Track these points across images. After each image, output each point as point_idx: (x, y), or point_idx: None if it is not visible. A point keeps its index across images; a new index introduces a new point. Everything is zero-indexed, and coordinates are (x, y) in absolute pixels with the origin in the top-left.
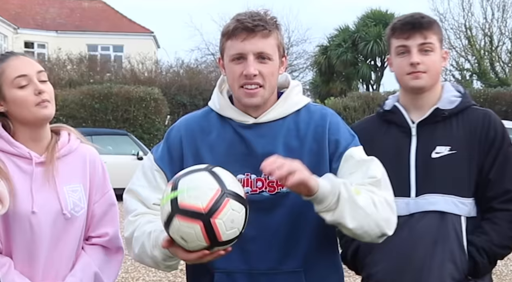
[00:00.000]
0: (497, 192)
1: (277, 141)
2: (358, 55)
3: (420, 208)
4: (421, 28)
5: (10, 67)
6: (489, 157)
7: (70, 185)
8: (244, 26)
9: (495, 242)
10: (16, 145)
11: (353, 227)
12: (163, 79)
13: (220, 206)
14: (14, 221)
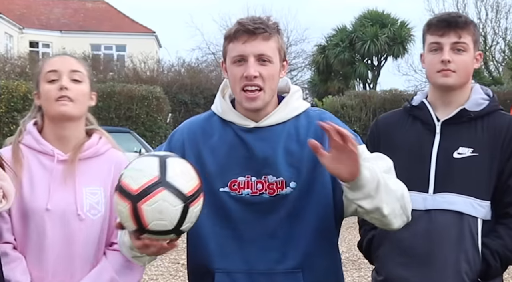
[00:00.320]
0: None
1: (278, 144)
2: (355, 54)
3: (438, 205)
4: (456, 27)
5: (47, 63)
6: (510, 163)
7: (90, 187)
8: (245, 29)
9: (509, 247)
10: (41, 142)
11: (388, 213)
12: (164, 78)
13: (151, 193)
14: (30, 216)
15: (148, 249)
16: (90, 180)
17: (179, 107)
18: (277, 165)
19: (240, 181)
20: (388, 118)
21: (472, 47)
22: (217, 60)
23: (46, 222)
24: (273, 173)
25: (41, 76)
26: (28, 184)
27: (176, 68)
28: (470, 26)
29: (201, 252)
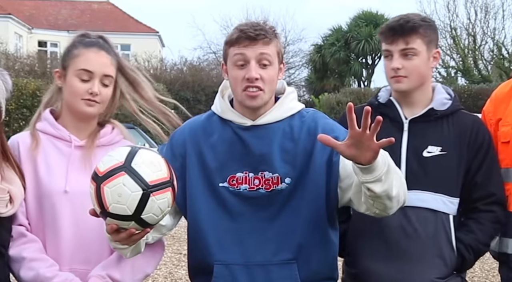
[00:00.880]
0: (482, 194)
1: (273, 142)
2: (350, 53)
3: (411, 202)
4: (403, 34)
5: (85, 56)
6: (476, 161)
7: None
8: (246, 35)
9: (481, 240)
10: (58, 127)
11: (395, 195)
12: (167, 76)
13: (113, 175)
14: (47, 199)
15: (117, 235)
16: None
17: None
18: (273, 162)
19: (238, 177)
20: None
21: (425, 49)
22: (217, 59)
23: (63, 204)
24: (269, 169)
25: (72, 66)
26: (44, 167)
27: (179, 66)
28: (419, 30)
29: (200, 245)
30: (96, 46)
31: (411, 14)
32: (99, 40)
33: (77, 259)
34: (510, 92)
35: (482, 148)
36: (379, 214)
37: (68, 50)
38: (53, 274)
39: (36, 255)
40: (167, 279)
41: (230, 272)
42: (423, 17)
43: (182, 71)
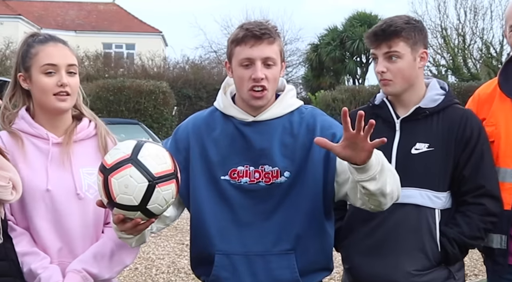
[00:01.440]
0: (470, 187)
1: (273, 137)
2: (346, 52)
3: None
4: (385, 38)
5: (44, 52)
6: (464, 154)
7: (86, 168)
8: (252, 34)
9: (466, 233)
10: (35, 126)
11: (389, 192)
12: (170, 74)
13: (121, 167)
14: (30, 197)
15: (123, 225)
16: (86, 161)
17: (183, 101)
18: (272, 156)
19: (239, 170)
20: (353, 115)
21: (409, 51)
22: (218, 57)
23: (46, 202)
24: (269, 163)
25: (35, 64)
26: (25, 166)
27: (181, 65)
28: (401, 33)
29: (202, 235)
30: (51, 40)
31: (396, 17)
32: (52, 36)
33: (63, 253)
34: (493, 92)
35: (470, 141)
36: (374, 209)
37: (25, 52)
38: (41, 270)
39: (27, 249)
40: (170, 268)
41: (231, 262)
42: (407, 20)
43: (184, 70)
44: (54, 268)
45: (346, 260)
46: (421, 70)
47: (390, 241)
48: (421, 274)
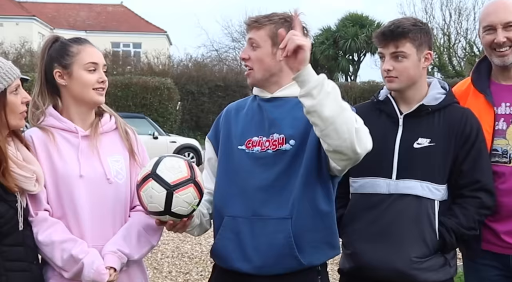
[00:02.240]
0: (467, 181)
1: (286, 110)
2: (338, 51)
3: (399, 190)
4: (393, 38)
5: (86, 51)
6: (463, 150)
7: (113, 156)
8: (246, 25)
9: (463, 224)
10: (64, 121)
11: (327, 116)
12: (174, 72)
13: (144, 182)
14: (65, 185)
15: (170, 227)
16: (112, 150)
17: (187, 96)
18: (281, 125)
19: (253, 140)
20: (359, 110)
21: (414, 51)
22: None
23: (80, 188)
24: (277, 131)
25: (77, 62)
26: (58, 156)
27: (184, 63)
28: (408, 34)
29: (216, 200)
30: (86, 42)
31: (404, 19)
32: (84, 39)
33: (97, 236)
34: (467, 89)
35: (469, 138)
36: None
37: (61, 51)
38: (83, 254)
39: (65, 237)
40: (174, 252)
41: (236, 224)
42: (415, 22)
43: (188, 67)
44: (93, 252)
45: (348, 246)
46: (425, 70)
47: (393, 229)
48: (420, 261)
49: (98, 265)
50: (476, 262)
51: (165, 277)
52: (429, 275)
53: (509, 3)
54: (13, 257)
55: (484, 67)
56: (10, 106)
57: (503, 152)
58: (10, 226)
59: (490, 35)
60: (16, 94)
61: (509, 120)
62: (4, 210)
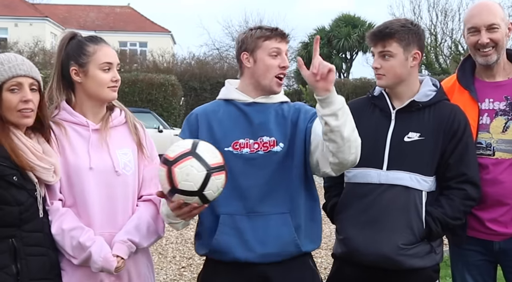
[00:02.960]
0: (454, 173)
1: (270, 115)
2: (332, 50)
3: (389, 180)
4: (380, 39)
5: (102, 51)
6: (450, 145)
7: (121, 149)
8: (278, 33)
9: (448, 214)
10: (76, 115)
11: (347, 136)
12: (178, 69)
13: (182, 159)
14: (76, 176)
15: (180, 210)
16: (120, 144)
17: (190, 92)
18: (270, 128)
19: (240, 142)
20: (354, 105)
21: (401, 51)
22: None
23: (90, 179)
24: (267, 134)
25: (93, 62)
26: (70, 149)
27: (188, 61)
28: (395, 35)
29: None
30: (102, 41)
31: (396, 20)
32: (99, 37)
33: (105, 225)
34: (453, 86)
35: (456, 133)
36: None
37: (77, 49)
38: (90, 242)
39: (74, 225)
40: (178, 239)
41: (233, 220)
42: (404, 23)
43: (191, 65)
44: (100, 240)
45: (341, 232)
46: (414, 68)
47: (382, 217)
48: (407, 248)
49: (106, 253)
50: (462, 248)
51: (169, 261)
52: (415, 261)
53: (492, 6)
54: (32, 243)
55: (468, 65)
56: (5, 104)
57: (487, 145)
58: (29, 213)
59: (474, 36)
60: (14, 92)
61: (493, 115)
62: (24, 198)
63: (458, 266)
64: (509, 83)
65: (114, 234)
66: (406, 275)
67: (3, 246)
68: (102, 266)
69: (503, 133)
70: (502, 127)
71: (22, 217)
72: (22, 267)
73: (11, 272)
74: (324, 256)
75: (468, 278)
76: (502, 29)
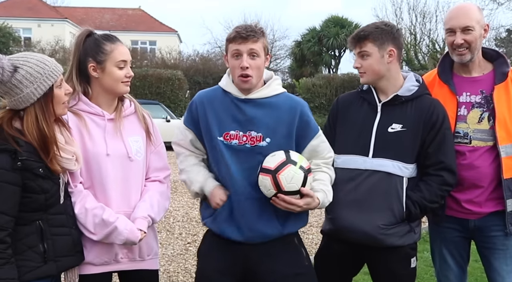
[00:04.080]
0: (432, 161)
1: (261, 111)
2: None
3: (374, 167)
4: (357, 41)
5: (118, 50)
6: (429, 135)
7: (133, 137)
8: (240, 35)
9: (426, 198)
10: (92, 105)
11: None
12: (184, 65)
13: (283, 167)
14: (94, 161)
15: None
16: (132, 131)
17: (194, 86)
18: (258, 124)
19: (231, 133)
20: (345, 98)
21: (376, 50)
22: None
23: (107, 164)
24: (255, 129)
25: (110, 60)
26: (88, 137)
27: (192, 57)
28: (369, 36)
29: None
30: (117, 40)
31: (372, 23)
32: (115, 36)
33: (120, 204)
34: (433, 80)
35: (435, 125)
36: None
37: (95, 47)
38: (114, 218)
39: (95, 204)
40: (184, 217)
41: (229, 201)
42: (378, 25)
43: (195, 61)
44: (123, 216)
45: (330, 211)
46: (392, 64)
47: (366, 199)
48: (387, 228)
49: (132, 226)
50: (441, 226)
51: (176, 238)
52: (394, 240)
53: (468, 10)
54: (57, 224)
55: (448, 62)
56: (56, 99)
57: (464, 134)
58: (54, 199)
59: (451, 37)
60: (60, 87)
61: (469, 107)
62: (50, 186)
63: (436, 242)
64: (484, 79)
65: (129, 212)
66: (387, 251)
67: (31, 228)
68: (127, 238)
69: (479, 124)
70: (478, 118)
71: (47, 202)
72: (48, 246)
73: (38, 250)
74: (315, 233)
75: (445, 252)
76: (477, 31)
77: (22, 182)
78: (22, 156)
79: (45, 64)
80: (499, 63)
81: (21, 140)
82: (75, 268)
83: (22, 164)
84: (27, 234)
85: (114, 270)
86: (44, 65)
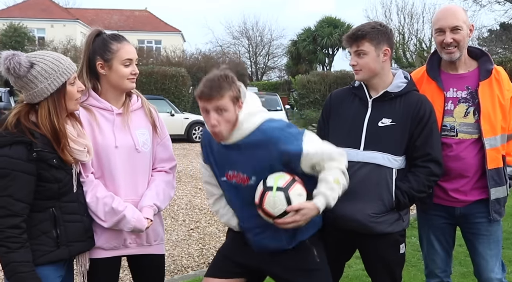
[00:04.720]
0: (420, 154)
1: (241, 152)
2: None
3: (365, 159)
4: (354, 39)
5: (125, 49)
6: (417, 129)
7: (140, 130)
8: (203, 95)
9: (414, 188)
10: (101, 101)
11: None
12: (187, 63)
13: (263, 197)
14: (104, 153)
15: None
16: (139, 125)
17: (197, 82)
18: (242, 166)
19: (230, 173)
20: (337, 94)
21: (373, 49)
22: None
23: (116, 156)
24: (241, 171)
25: (117, 58)
26: (98, 130)
27: (195, 56)
28: (366, 36)
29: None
30: (124, 39)
31: (367, 23)
32: (122, 35)
33: (129, 193)
34: (422, 77)
35: (422, 119)
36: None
37: (103, 46)
38: (123, 207)
39: (106, 193)
40: (188, 205)
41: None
42: (374, 25)
43: (198, 59)
44: (131, 205)
45: None
46: (386, 63)
47: (358, 190)
48: (377, 216)
49: (139, 215)
50: (428, 213)
51: (180, 224)
52: (383, 227)
53: (455, 11)
54: (69, 211)
55: (435, 59)
56: (68, 95)
57: (451, 127)
58: (67, 188)
59: (440, 36)
60: (73, 85)
61: (456, 102)
62: (63, 176)
63: (424, 228)
64: (469, 76)
65: (137, 200)
66: (377, 238)
67: (45, 215)
68: (134, 226)
69: (465, 118)
70: (463, 112)
71: (60, 191)
72: (61, 232)
73: (52, 236)
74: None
75: (433, 238)
76: (464, 30)
77: (37, 171)
78: (37, 147)
79: (60, 62)
80: (484, 61)
81: (37, 132)
82: (86, 253)
83: (37, 154)
84: (41, 220)
85: (123, 255)
86: (59, 63)
